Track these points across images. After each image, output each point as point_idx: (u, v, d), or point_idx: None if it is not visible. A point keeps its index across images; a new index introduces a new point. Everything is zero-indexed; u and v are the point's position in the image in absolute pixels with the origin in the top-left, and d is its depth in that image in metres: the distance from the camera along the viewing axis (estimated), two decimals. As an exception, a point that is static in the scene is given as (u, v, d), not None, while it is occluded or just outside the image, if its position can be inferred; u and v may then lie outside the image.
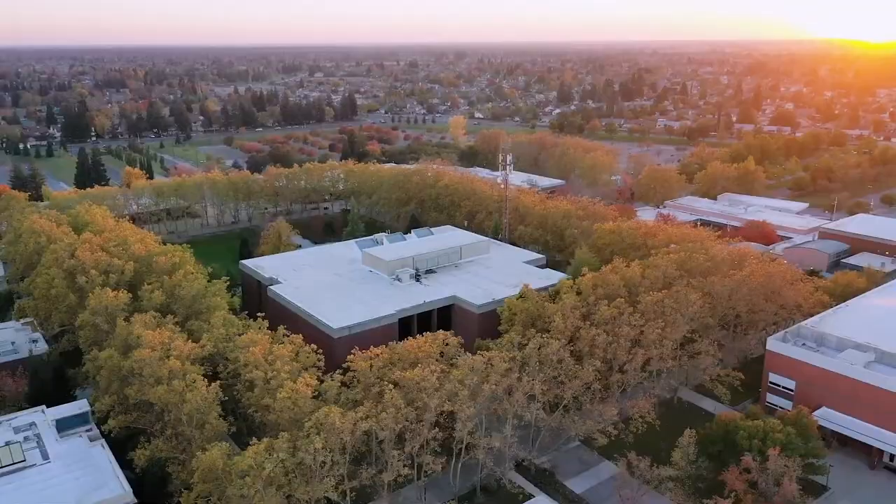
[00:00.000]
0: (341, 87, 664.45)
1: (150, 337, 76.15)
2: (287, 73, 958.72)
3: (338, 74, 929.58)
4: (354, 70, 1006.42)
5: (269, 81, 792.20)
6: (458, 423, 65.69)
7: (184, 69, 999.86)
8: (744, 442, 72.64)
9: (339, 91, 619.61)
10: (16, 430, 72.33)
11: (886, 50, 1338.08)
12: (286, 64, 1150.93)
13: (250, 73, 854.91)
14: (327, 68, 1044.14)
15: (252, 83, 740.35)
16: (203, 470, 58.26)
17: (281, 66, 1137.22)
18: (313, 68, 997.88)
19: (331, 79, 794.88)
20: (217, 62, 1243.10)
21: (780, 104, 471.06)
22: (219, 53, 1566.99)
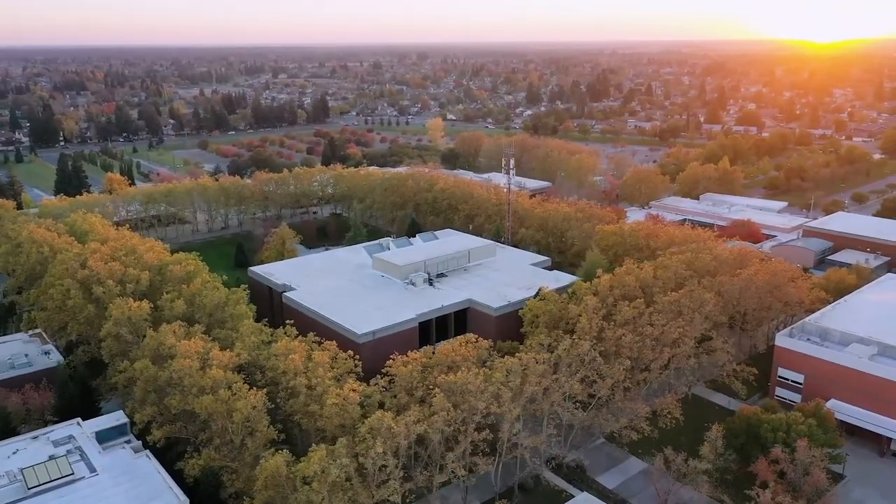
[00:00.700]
0: (308, 88, 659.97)
1: (185, 347, 76.44)
2: (250, 75, 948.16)
3: (302, 76, 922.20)
4: (318, 71, 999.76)
5: (234, 83, 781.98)
6: (505, 424, 67.66)
7: (143, 70, 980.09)
8: (768, 434, 76.30)
9: (307, 93, 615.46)
10: (55, 444, 71.93)
11: (832, 50, 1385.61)
12: (248, 65, 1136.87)
13: (214, 74, 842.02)
14: (290, 69, 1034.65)
15: (216, 85, 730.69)
16: (266, 477, 59.09)
17: (243, 67, 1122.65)
18: (276, 69, 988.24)
19: (296, 80, 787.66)
20: (176, 63, 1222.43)
21: (744, 104, 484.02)
22: (176, 54, 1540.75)
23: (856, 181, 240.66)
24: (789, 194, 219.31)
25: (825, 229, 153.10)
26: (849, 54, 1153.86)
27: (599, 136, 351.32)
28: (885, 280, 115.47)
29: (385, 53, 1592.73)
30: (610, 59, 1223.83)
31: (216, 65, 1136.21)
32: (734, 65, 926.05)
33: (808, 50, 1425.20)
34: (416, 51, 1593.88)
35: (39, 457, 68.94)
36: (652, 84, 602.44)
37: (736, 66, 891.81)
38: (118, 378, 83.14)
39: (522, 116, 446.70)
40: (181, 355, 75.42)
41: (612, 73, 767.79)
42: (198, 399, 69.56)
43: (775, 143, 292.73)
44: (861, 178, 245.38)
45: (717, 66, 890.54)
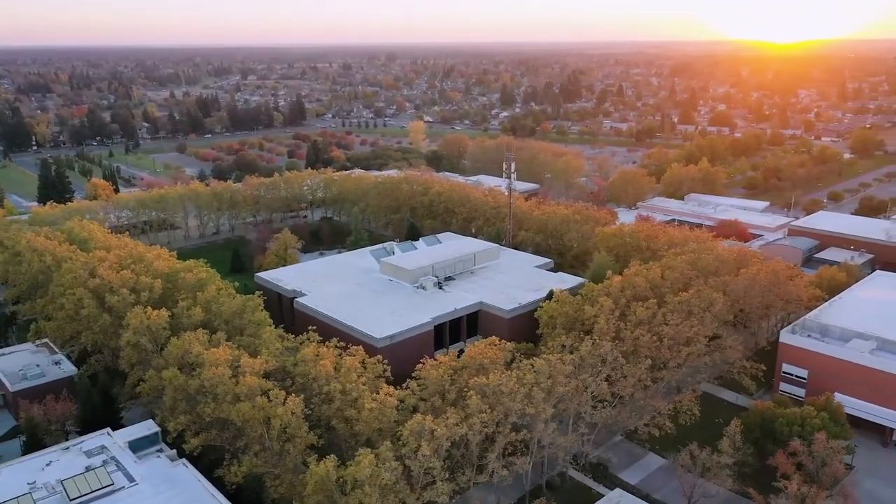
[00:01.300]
0: (281, 90, 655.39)
1: (214, 354, 76.80)
2: (218, 76, 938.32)
3: (272, 77, 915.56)
4: (288, 72, 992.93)
5: (203, 85, 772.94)
6: (539, 424, 69.53)
7: (107, 72, 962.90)
8: (783, 428, 79.42)
9: (280, 95, 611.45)
10: (88, 455, 71.82)
11: (792, 51, 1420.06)
12: (215, 66, 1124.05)
13: (183, 76, 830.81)
14: (259, 71, 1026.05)
15: (186, 87, 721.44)
16: (316, 482, 60.02)
17: (210, 68, 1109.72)
18: (245, 71, 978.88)
19: (267, 82, 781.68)
20: (140, 64, 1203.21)
21: (714, 105, 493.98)
22: (139, 55, 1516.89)
23: (829, 180, 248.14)
24: (767, 194, 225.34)
25: (810, 228, 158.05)
26: (808, 55, 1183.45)
27: (577, 138, 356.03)
28: (875, 277, 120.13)
29: (353, 54, 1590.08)
30: (578, 60, 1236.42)
31: (182, 66, 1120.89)
32: (700, 66, 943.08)
33: (770, 51, 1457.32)
34: (385, 52, 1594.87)
35: (75, 468, 68.86)
36: (623, 85, 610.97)
37: (702, 67, 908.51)
38: (143, 387, 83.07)
39: (499, 118, 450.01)
40: (210, 363, 75.79)
41: (582, 74, 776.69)
42: (234, 406, 70.14)
43: (749, 143, 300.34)
44: (834, 178, 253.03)
45: (683, 66, 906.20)
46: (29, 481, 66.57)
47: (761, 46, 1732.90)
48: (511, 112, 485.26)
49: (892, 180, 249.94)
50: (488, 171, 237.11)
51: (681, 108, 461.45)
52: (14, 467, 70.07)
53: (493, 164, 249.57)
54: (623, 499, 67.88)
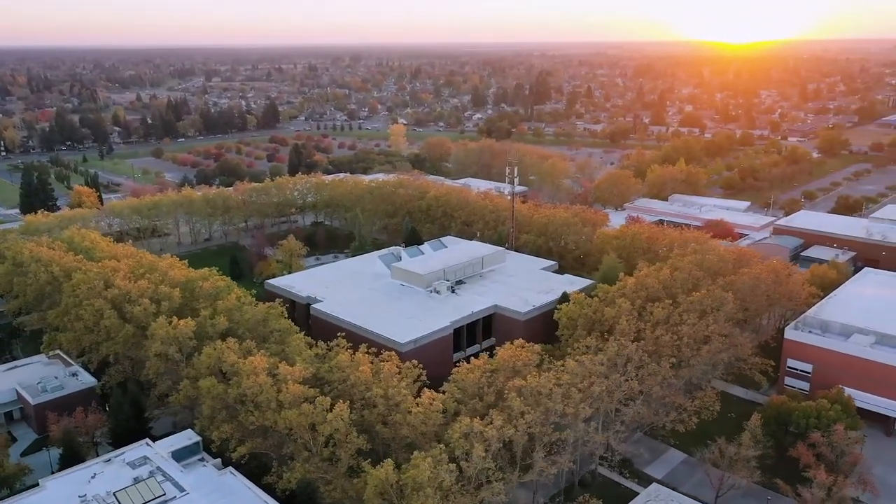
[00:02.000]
0: (249, 93, 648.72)
1: (252, 363, 77.65)
2: (182, 78, 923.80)
3: (237, 79, 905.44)
4: (252, 74, 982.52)
5: (167, 87, 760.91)
6: (580, 424, 72.10)
7: (65, 74, 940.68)
8: (800, 421, 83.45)
9: (249, 97, 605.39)
10: (132, 466, 72.18)
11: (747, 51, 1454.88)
12: (177, 68, 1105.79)
13: (147, 79, 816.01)
14: (223, 72, 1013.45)
15: (150, 89, 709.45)
16: (375, 485, 61.56)
17: (171, 70, 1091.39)
18: (209, 73, 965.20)
19: (233, 84, 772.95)
20: (98, 66, 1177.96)
21: (681, 106, 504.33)
22: (96, 56, 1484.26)
23: (801, 180, 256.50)
24: (744, 193, 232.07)
25: (794, 227, 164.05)
26: (764, 56, 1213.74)
27: (553, 139, 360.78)
28: (864, 274, 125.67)
29: (315, 55, 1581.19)
30: (542, 61, 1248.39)
31: (143, 68, 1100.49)
32: (662, 66, 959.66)
33: (726, 51, 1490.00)
34: (348, 53, 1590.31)
35: (123, 480, 69.28)
36: (591, 86, 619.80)
37: (664, 68, 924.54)
38: (176, 397, 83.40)
39: (472, 119, 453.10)
40: (248, 372, 76.71)
41: (548, 75, 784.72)
42: (279, 414, 71.24)
43: (722, 144, 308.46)
44: (805, 177, 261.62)
45: (647, 68, 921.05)
46: (79, 494, 66.82)
47: (718, 47, 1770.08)
48: (483, 114, 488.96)
49: (859, 179, 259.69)
50: (473, 174, 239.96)
51: (650, 109, 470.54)
52: (59, 481, 70.17)
53: (476, 166, 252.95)
54: (661, 493, 70.83)
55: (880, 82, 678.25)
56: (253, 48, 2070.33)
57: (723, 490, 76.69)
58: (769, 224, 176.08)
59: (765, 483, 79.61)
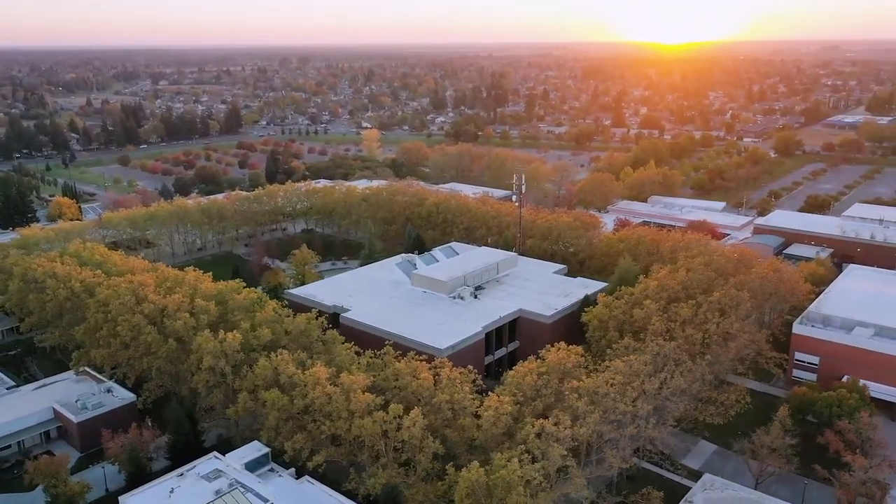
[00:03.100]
0: (203, 96, 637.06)
1: (315, 374, 79.67)
2: (127, 81, 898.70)
3: (185, 82, 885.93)
4: (200, 77, 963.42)
5: (114, 91, 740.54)
6: (640, 420, 76.65)
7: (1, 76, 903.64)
8: (824, 410, 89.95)
9: (203, 101, 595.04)
10: (207, 479, 73.36)
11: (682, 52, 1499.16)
12: (119, 70, 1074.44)
13: (93, 82, 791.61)
14: (169, 75, 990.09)
15: (96, 93, 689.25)
16: (466, 486, 64.61)
17: (114, 72, 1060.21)
18: (154, 76, 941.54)
19: (183, 87, 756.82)
20: (36, 68, 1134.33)
21: (636, 108, 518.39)
22: (30, 57, 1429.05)
23: (764, 180, 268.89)
24: (713, 194, 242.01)
25: (774, 226, 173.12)
26: (702, 57, 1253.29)
27: (519, 142, 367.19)
28: (851, 271, 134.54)
29: (259, 57, 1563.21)
30: (491, 62, 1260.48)
31: (83, 70, 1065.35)
32: (609, 68, 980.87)
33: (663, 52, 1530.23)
34: (290, 54, 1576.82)
35: (204, 493, 70.50)
36: (546, 89, 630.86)
37: (612, 70, 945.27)
38: (233, 409, 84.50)
39: (436, 123, 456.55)
40: (312, 382, 78.77)
41: (501, 77, 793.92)
42: (354, 423, 73.58)
43: (685, 145, 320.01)
44: (767, 177, 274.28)
45: (595, 69, 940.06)
46: (166, 509, 67.80)
47: (655, 48, 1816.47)
48: (445, 117, 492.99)
49: (817, 178, 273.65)
50: (451, 179, 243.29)
51: (607, 111, 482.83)
52: (139, 497, 70.99)
53: (455, 171, 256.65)
54: (714, 482, 75.89)
55: (817, 83, 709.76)
56: (193, 49, 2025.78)
57: (762, 478, 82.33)
58: (748, 224, 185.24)
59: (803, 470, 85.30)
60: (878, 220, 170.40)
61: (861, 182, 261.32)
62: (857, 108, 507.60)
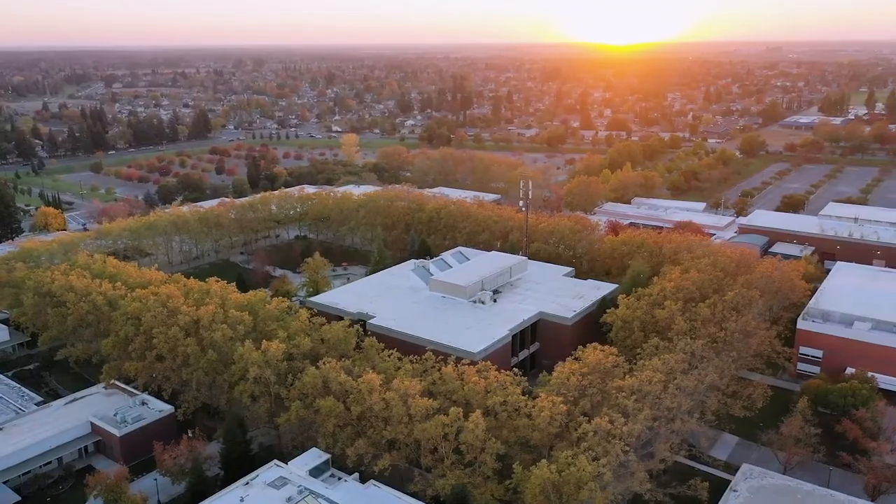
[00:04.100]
0: (163, 100, 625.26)
1: (368, 381, 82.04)
2: (79, 84, 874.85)
3: (139, 84, 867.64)
4: (155, 79, 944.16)
5: (68, 94, 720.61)
6: (685, 416, 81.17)
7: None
8: (839, 400, 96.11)
9: (164, 105, 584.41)
10: (274, 487, 75.09)
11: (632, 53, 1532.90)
12: (69, 73, 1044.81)
13: (42, 85, 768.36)
14: (122, 77, 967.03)
15: (49, 97, 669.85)
16: (539, 484, 67.94)
17: (62, 75, 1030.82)
18: (107, 78, 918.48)
19: (139, 90, 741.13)
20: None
21: (600, 110, 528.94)
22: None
23: (734, 180, 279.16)
24: (688, 194, 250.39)
25: (758, 226, 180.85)
26: (653, 58, 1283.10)
27: (493, 145, 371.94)
28: (840, 268, 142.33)
29: (212, 58, 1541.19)
30: (446, 64, 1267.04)
31: (31, 72, 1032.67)
32: (566, 69, 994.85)
33: (613, 53, 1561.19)
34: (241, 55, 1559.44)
35: (274, 501, 72.57)
36: (510, 91, 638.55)
37: (569, 71, 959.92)
38: (284, 418, 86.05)
39: (406, 126, 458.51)
40: (367, 389, 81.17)
41: (462, 79, 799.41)
42: (414, 427, 76.29)
43: (656, 147, 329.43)
44: (737, 178, 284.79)
45: (553, 71, 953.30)
46: (243, 518, 69.37)
47: (604, 49, 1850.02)
48: (414, 120, 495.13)
49: (783, 178, 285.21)
50: (436, 184, 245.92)
51: (572, 113, 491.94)
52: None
53: (439, 175, 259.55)
54: (753, 472, 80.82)
55: (768, 84, 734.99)
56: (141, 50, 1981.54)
57: (790, 467, 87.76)
58: (731, 223, 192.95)
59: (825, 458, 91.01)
60: (853, 219, 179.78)
61: (826, 181, 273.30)
62: (809, 109, 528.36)
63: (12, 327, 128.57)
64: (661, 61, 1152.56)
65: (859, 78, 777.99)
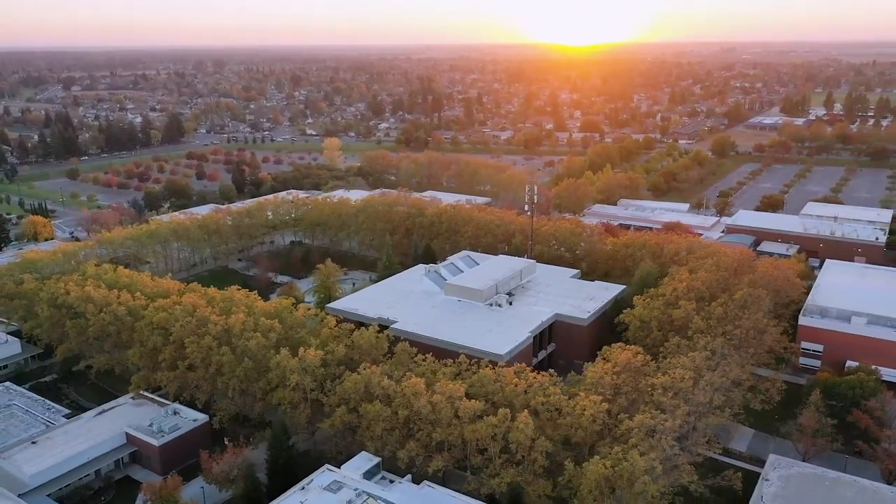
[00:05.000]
0: (128, 104, 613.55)
1: (413, 385, 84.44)
2: (36, 87, 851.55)
3: (98, 87, 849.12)
4: (114, 82, 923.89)
5: (26, 98, 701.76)
6: (717, 410, 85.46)
7: None
8: (848, 392, 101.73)
9: (130, 109, 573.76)
10: (331, 490, 76.96)
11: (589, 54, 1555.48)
12: (24, 75, 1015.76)
13: (3, 89, 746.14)
14: (80, 80, 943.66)
15: (7, 100, 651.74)
16: (594, 479, 71.29)
17: (17, 77, 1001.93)
18: (65, 81, 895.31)
19: (100, 93, 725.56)
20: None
21: (570, 111, 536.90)
22: None
23: (710, 181, 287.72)
24: (668, 195, 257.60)
25: (744, 226, 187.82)
26: (613, 59, 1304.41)
27: (471, 148, 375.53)
28: (830, 266, 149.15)
29: (170, 59, 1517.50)
30: (410, 65, 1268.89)
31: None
32: (530, 70, 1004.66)
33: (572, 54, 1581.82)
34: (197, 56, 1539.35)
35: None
36: (480, 93, 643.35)
37: (533, 73, 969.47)
38: (326, 423, 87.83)
39: (381, 129, 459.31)
40: (412, 393, 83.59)
41: (430, 81, 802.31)
42: (466, 428, 79.00)
43: (632, 149, 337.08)
44: (712, 178, 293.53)
45: (518, 72, 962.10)
46: (310, 522, 71.15)
47: (562, 50, 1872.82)
48: (388, 123, 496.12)
49: (756, 178, 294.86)
50: (422, 187, 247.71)
51: (543, 115, 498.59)
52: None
53: (424, 178, 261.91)
54: (781, 462, 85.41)
55: (728, 85, 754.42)
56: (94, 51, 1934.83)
57: (808, 456, 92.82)
58: (716, 224, 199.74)
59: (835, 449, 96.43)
60: (833, 218, 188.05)
61: (796, 181, 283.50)
62: (771, 110, 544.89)
63: (24, 340, 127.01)
64: (621, 62, 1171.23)
65: (814, 79, 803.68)
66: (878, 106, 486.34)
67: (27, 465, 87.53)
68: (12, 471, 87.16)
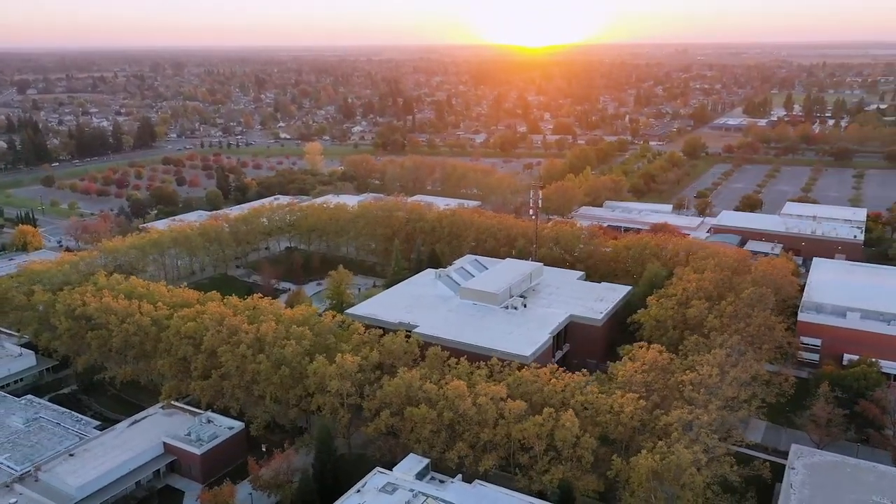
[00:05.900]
0: (91, 107, 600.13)
1: (456, 388, 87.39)
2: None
3: (56, 90, 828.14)
4: (72, 85, 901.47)
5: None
6: (745, 404, 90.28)
7: None
8: (853, 384, 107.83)
9: (94, 113, 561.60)
10: (386, 492, 79.36)
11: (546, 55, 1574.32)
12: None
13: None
14: (34, 83, 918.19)
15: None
16: (644, 472, 75.14)
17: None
18: (19, 84, 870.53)
19: (60, 97, 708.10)
20: None
21: (540, 114, 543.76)
22: None
23: (685, 181, 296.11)
24: (648, 196, 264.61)
25: (730, 226, 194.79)
26: (570, 60, 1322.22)
27: (448, 151, 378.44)
28: (819, 264, 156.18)
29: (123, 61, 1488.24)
30: (371, 66, 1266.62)
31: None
32: (494, 72, 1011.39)
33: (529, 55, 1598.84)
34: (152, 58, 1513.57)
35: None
36: (449, 95, 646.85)
37: (497, 74, 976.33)
38: (376, 426, 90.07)
39: (355, 132, 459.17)
40: (455, 395, 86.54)
41: (397, 83, 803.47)
42: (514, 428, 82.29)
43: (608, 151, 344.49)
44: (687, 179, 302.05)
45: (483, 74, 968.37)
46: (374, 523, 73.42)
47: (519, 51, 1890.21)
48: (361, 126, 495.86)
49: (728, 178, 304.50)
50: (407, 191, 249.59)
51: (513, 117, 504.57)
52: (336, 515, 75.76)
53: (410, 182, 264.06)
54: (803, 451, 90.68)
55: (688, 87, 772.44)
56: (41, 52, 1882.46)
57: (822, 445, 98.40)
58: (701, 224, 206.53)
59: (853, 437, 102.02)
60: (813, 217, 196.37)
61: (767, 181, 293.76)
62: (733, 111, 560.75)
63: (39, 353, 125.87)
64: (579, 63, 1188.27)
65: (769, 80, 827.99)
66: (836, 107, 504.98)
67: (71, 478, 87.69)
68: (57, 484, 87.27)
